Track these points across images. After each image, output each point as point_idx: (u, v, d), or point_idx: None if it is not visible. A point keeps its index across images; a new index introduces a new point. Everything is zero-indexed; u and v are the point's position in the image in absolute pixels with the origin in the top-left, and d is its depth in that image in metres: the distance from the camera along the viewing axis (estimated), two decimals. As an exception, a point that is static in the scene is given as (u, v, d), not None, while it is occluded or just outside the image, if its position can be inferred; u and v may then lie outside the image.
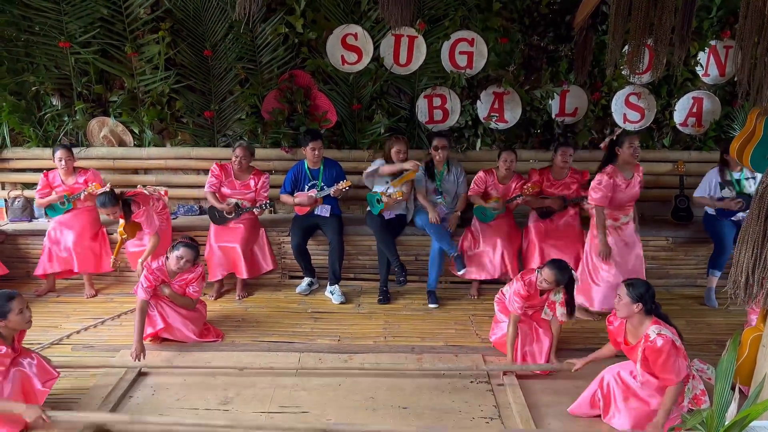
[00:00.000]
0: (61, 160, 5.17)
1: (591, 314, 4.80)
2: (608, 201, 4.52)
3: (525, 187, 5.13)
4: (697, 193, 5.25)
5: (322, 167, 5.36)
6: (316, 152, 5.25)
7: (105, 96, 5.92)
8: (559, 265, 3.82)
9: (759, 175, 5.04)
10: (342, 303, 5.16)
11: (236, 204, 5.21)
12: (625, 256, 4.63)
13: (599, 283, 4.62)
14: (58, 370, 3.55)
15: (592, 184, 4.57)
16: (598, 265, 4.63)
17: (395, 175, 5.23)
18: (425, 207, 5.26)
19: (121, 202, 4.81)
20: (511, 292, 3.97)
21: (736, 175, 5.11)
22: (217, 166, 5.31)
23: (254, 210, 5.23)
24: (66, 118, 5.90)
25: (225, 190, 5.29)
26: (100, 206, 4.77)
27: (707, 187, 5.19)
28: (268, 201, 5.24)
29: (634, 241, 4.69)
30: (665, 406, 3.15)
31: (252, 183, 5.30)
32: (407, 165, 5.14)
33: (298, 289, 5.33)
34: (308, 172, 5.35)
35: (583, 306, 4.68)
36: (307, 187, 5.35)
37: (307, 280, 5.36)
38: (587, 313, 4.79)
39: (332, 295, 5.22)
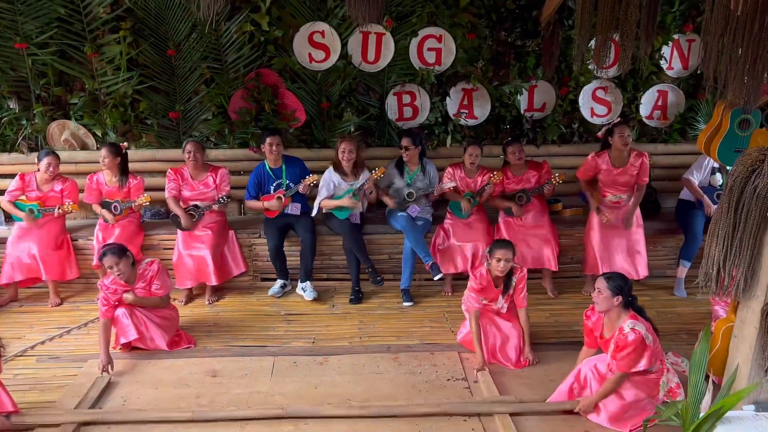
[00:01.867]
0: (49, 166, 5.00)
1: None
2: (589, 176, 5.09)
3: (492, 175, 5.15)
4: (687, 174, 5.24)
5: (283, 166, 5.28)
6: (273, 148, 5.16)
7: (65, 98, 5.75)
8: (507, 242, 4.00)
9: None
10: (314, 299, 5.10)
11: (194, 206, 5.10)
12: (611, 237, 5.05)
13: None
14: (17, 406, 3.36)
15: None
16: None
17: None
18: (387, 202, 5.31)
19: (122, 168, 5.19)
20: (468, 288, 4.00)
21: None
22: (172, 170, 5.19)
23: (214, 207, 5.11)
24: (24, 122, 5.71)
25: (185, 193, 5.16)
26: (105, 146, 5.08)
27: (700, 170, 5.18)
28: (224, 194, 5.11)
29: (620, 228, 5.06)
30: (605, 389, 3.26)
31: (210, 180, 5.18)
32: (345, 203, 5.17)
33: (270, 292, 5.24)
34: (270, 172, 5.27)
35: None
36: (272, 188, 5.27)
37: (279, 282, 5.26)
38: None
39: (304, 292, 5.16)
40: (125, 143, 5.30)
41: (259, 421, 3.39)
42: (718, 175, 5.15)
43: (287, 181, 5.24)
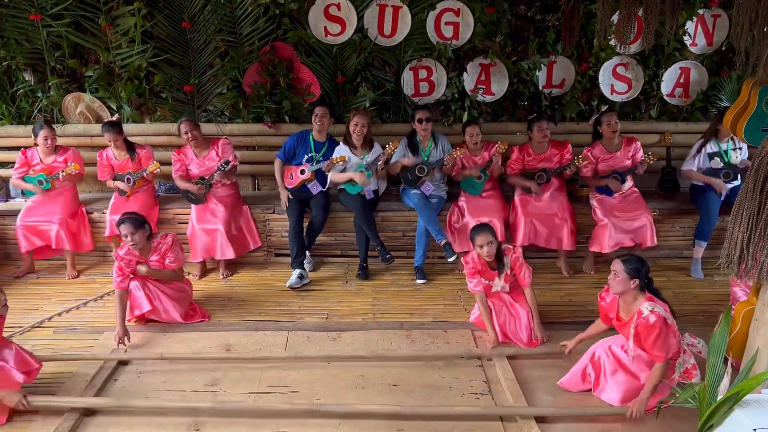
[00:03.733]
0: (46, 139, 5.03)
1: None
2: (592, 169, 5.20)
3: (496, 147, 5.12)
4: (685, 166, 5.26)
5: (327, 143, 5.29)
6: (318, 118, 5.18)
7: (80, 71, 5.73)
8: (482, 227, 3.94)
9: (744, 148, 5.08)
10: (311, 270, 5.22)
11: (200, 178, 5.09)
12: (619, 215, 5.06)
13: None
14: (40, 361, 3.48)
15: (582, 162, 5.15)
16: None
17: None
18: (405, 162, 5.22)
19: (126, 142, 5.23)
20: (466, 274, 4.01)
21: (723, 146, 5.10)
22: (176, 152, 5.19)
23: (215, 176, 5.05)
24: (40, 94, 5.71)
25: (193, 170, 5.16)
26: (108, 130, 5.05)
27: (694, 160, 5.19)
28: (223, 161, 5.04)
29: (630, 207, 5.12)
30: (651, 383, 3.15)
31: (213, 153, 5.17)
32: (356, 177, 5.11)
33: (288, 283, 4.96)
34: (312, 142, 5.27)
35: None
36: (305, 158, 5.28)
37: (296, 272, 5.01)
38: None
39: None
40: (117, 115, 5.31)
41: (273, 395, 3.43)
42: (716, 160, 5.13)
43: (321, 158, 5.24)
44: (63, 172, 5.01)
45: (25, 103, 5.73)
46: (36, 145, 5.13)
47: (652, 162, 5.07)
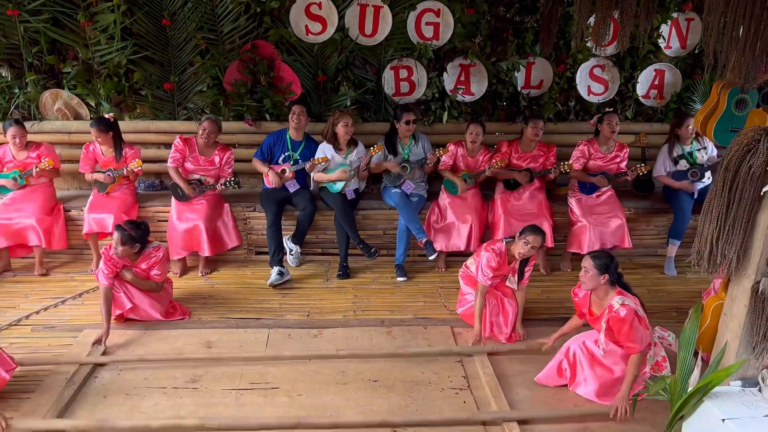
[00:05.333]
0: (14, 137, 4.96)
1: None
2: (583, 164, 5.27)
3: (493, 161, 5.17)
4: (656, 173, 5.40)
5: (304, 141, 5.31)
6: (295, 117, 5.19)
7: (58, 67, 5.67)
8: (540, 229, 3.98)
9: (710, 146, 5.22)
10: (296, 266, 5.25)
11: (198, 181, 5.09)
12: (596, 215, 5.18)
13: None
14: (16, 360, 3.45)
15: (574, 151, 5.30)
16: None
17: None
18: (389, 167, 5.31)
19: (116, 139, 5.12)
20: (483, 263, 3.98)
21: (687, 149, 5.25)
22: (181, 140, 5.14)
23: (217, 188, 5.12)
24: (17, 91, 5.64)
25: (188, 165, 5.15)
26: (93, 125, 4.98)
27: (663, 164, 5.34)
28: (232, 178, 5.13)
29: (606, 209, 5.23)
30: (629, 376, 3.22)
31: (216, 159, 5.17)
32: (338, 175, 5.17)
33: (269, 282, 4.95)
34: (288, 141, 5.29)
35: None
36: (282, 157, 5.28)
37: (276, 269, 5.01)
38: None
39: (290, 252, 5.25)
40: (111, 114, 5.23)
41: (254, 391, 3.45)
42: (682, 162, 5.27)
43: (297, 157, 5.25)
44: (37, 167, 4.96)
45: (1, 99, 5.65)
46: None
47: (642, 174, 5.24)
